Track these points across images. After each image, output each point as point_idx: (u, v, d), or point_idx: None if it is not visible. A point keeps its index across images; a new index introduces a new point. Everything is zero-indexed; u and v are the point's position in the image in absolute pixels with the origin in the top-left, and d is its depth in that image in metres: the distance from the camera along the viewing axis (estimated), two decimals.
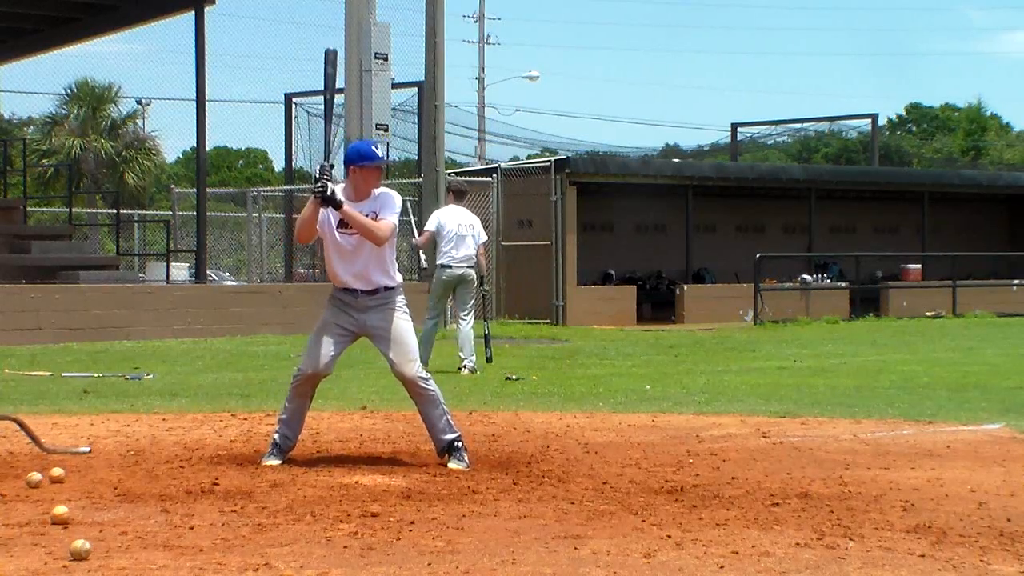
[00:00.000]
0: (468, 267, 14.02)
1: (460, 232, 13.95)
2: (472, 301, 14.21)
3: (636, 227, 29.72)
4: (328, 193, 7.20)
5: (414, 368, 7.46)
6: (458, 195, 14.39)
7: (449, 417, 7.57)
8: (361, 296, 7.50)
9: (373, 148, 7.67)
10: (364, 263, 7.46)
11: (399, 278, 7.64)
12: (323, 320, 7.61)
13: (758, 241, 29.52)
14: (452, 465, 7.39)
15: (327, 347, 7.51)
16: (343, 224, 7.42)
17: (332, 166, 7.39)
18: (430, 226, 14.12)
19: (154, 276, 24.07)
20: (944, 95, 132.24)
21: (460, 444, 7.52)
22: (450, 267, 13.94)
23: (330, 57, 7.72)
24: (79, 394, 11.81)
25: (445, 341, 19.73)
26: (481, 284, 14.38)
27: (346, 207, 7.29)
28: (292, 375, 7.71)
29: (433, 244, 14.19)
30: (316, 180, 7.28)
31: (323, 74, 7.75)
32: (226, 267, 32.86)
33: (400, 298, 7.58)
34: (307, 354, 7.59)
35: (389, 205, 7.47)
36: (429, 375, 7.58)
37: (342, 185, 7.53)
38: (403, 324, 7.52)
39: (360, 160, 7.48)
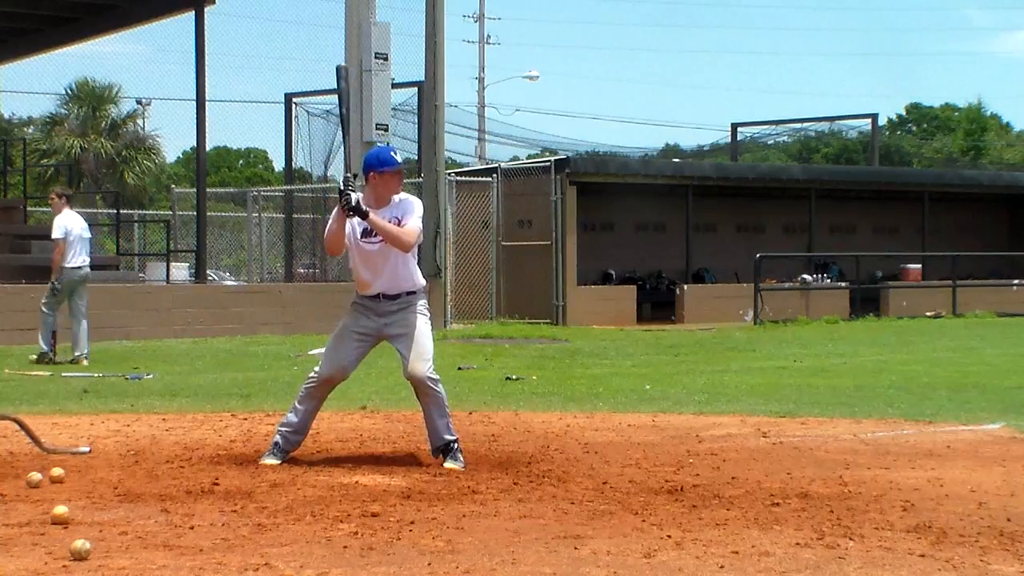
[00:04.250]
0: (89, 267, 15.69)
1: (83, 235, 15.50)
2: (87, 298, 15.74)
3: (636, 227, 29.71)
4: (354, 203, 7.26)
5: (425, 368, 7.46)
6: (70, 200, 15.88)
7: (450, 421, 7.60)
8: (384, 301, 7.55)
9: (392, 154, 7.67)
10: (390, 270, 7.52)
11: (422, 282, 7.70)
12: (343, 325, 7.65)
13: (758, 241, 29.51)
14: (448, 464, 7.41)
15: (346, 352, 7.57)
16: (367, 233, 7.47)
17: (356, 175, 7.46)
18: (59, 233, 15.32)
19: (154, 276, 24.07)
20: (944, 95, 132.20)
21: (456, 446, 7.55)
22: (80, 268, 15.44)
23: (342, 73, 7.72)
24: (79, 394, 11.81)
25: (445, 342, 19.74)
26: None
27: (372, 216, 7.34)
28: (307, 376, 7.72)
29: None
30: (341, 193, 7.30)
31: (337, 89, 7.75)
32: (226, 267, 32.86)
33: (422, 301, 7.64)
34: (325, 358, 7.63)
35: (412, 210, 7.53)
36: (439, 377, 7.57)
37: (361, 194, 7.57)
38: (422, 325, 7.55)
39: (380, 166, 7.51)
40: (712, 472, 7.33)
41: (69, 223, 15.43)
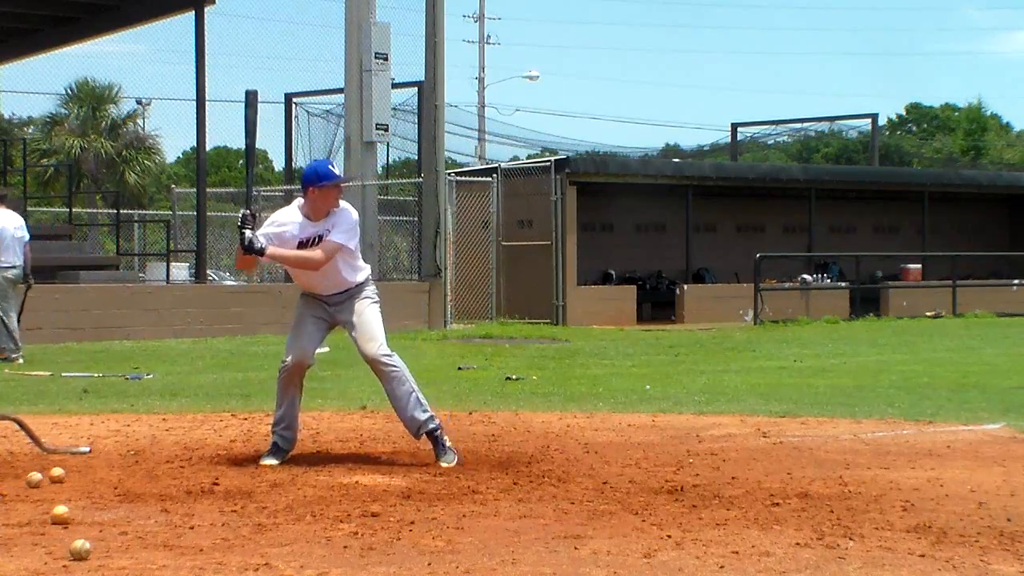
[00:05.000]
0: (19, 268, 15.67)
1: (16, 234, 15.62)
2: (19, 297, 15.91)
3: (636, 227, 29.69)
4: (247, 243, 7.30)
5: (375, 347, 7.56)
6: (3, 199, 16.00)
7: (419, 395, 7.61)
8: (331, 295, 7.66)
9: (330, 167, 7.71)
10: (330, 277, 7.61)
11: (365, 271, 7.77)
12: (299, 313, 7.79)
13: (758, 241, 29.49)
14: (443, 463, 7.42)
15: (307, 336, 7.69)
16: (302, 245, 7.54)
17: (254, 215, 7.44)
18: None
19: (154, 276, 24.05)
20: (944, 95, 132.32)
21: (439, 433, 7.56)
22: (14, 267, 15.57)
23: (250, 99, 7.70)
24: (79, 394, 11.81)
25: (445, 342, 19.74)
26: (27, 279, 15.92)
27: (271, 251, 7.41)
28: (278, 370, 7.76)
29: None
30: (239, 228, 7.34)
31: (245, 117, 7.71)
32: (226, 267, 32.82)
33: (370, 287, 7.74)
34: (289, 346, 7.74)
35: (340, 223, 7.55)
36: (393, 353, 7.63)
37: (300, 202, 7.60)
38: (369, 309, 7.65)
39: (319, 180, 7.53)
40: (712, 472, 7.33)
41: (1, 222, 15.54)
